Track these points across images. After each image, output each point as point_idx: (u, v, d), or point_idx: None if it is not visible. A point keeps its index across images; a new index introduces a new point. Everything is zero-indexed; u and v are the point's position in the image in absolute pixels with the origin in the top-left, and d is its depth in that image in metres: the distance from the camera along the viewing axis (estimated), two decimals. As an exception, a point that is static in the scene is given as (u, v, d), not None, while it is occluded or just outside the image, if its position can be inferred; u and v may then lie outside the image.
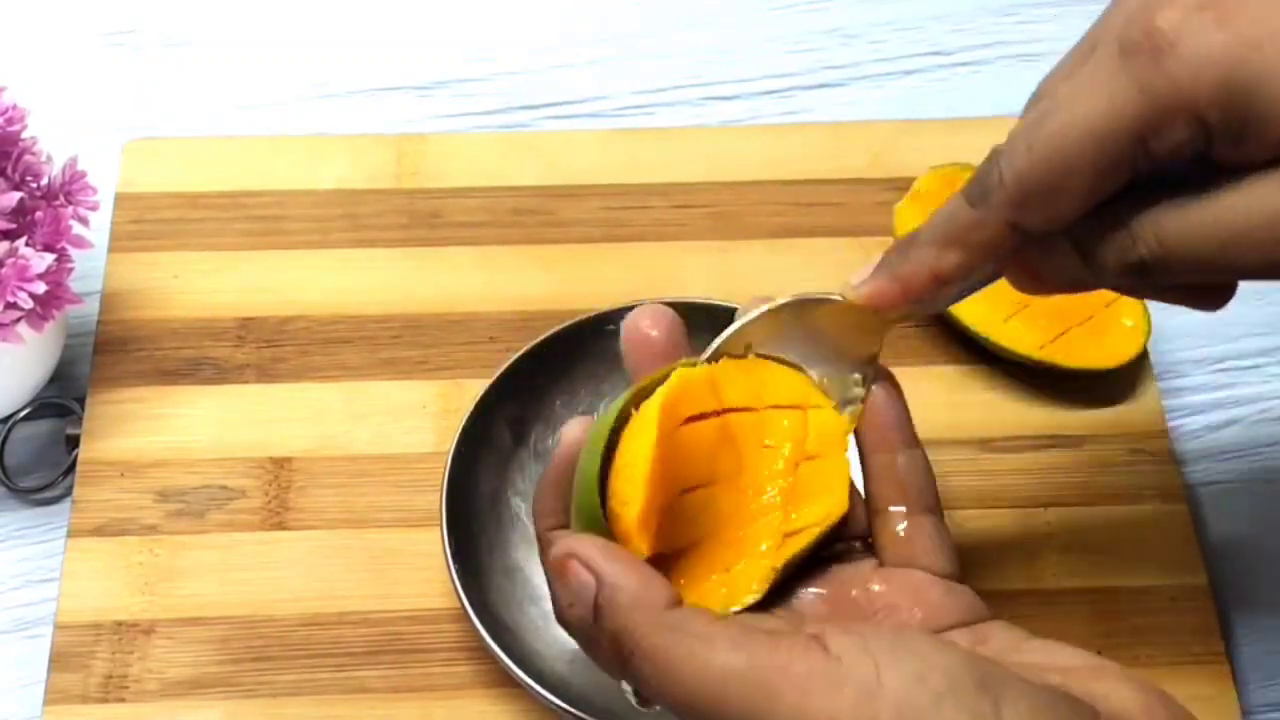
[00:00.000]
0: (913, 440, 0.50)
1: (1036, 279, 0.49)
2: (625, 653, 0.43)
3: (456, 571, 0.61)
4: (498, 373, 0.66)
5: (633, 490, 0.45)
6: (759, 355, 0.50)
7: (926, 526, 0.49)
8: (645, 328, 0.50)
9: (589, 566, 0.44)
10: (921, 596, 0.48)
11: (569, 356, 0.67)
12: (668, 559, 0.47)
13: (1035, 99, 0.50)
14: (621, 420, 0.46)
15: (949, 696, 0.40)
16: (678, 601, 0.44)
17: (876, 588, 0.48)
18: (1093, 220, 0.47)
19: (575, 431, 0.48)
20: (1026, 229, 0.47)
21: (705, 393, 0.48)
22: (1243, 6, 0.43)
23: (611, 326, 0.68)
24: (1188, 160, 0.45)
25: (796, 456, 0.48)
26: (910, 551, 0.49)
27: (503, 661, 0.60)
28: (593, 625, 0.44)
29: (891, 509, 0.49)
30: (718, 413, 0.48)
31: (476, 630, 0.60)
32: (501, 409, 0.66)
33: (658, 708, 0.44)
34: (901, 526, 0.49)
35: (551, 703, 0.59)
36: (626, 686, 0.45)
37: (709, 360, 0.49)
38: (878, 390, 0.50)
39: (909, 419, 0.51)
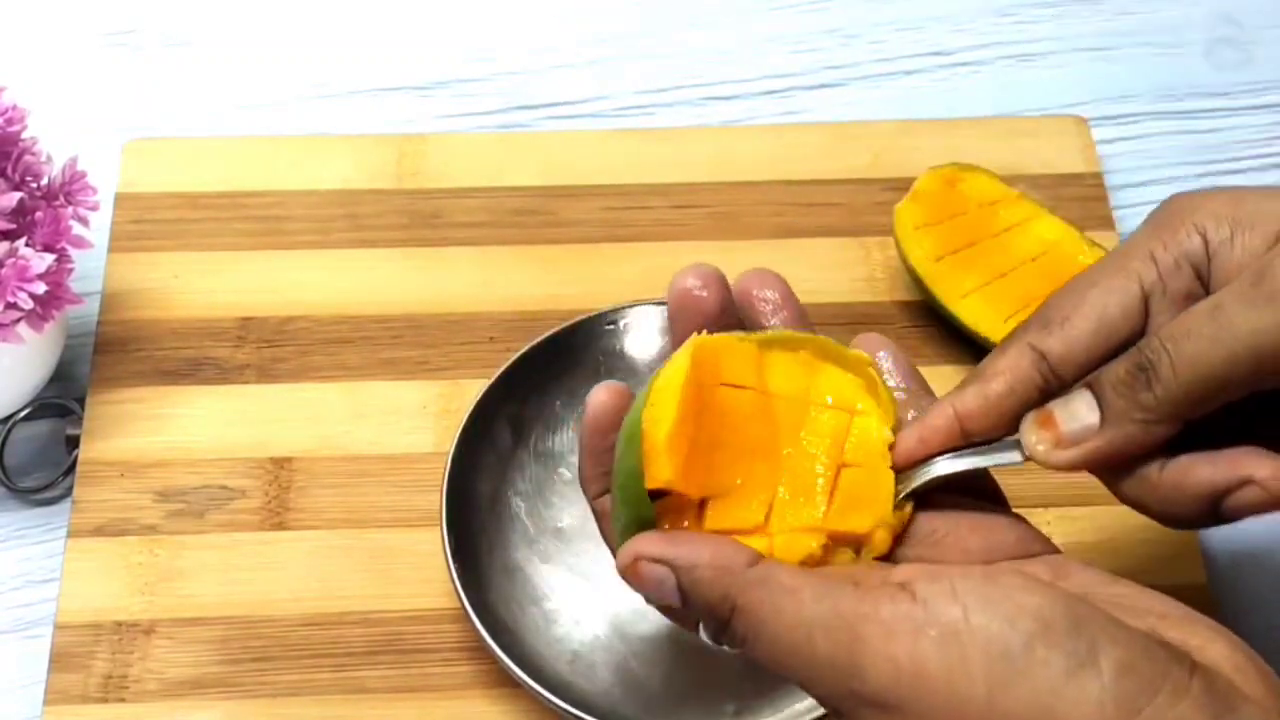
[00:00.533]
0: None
1: (1055, 430, 0.49)
2: (723, 620, 0.44)
3: (456, 571, 0.61)
4: (498, 372, 0.66)
5: (663, 411, 0.45)
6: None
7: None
8: (694, 288, 0.50)
9: (660, 560, 0.44)
10: (980, 530, 0.47)
11: (570, 356, 0.67)
12: (694, 506, 0.46)
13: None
14: None
15: (1040, 638, 0.40)
16: (757, 558, 0.44)
17: (936, 528, 0.48)
18: None
19: (601, 396, 0.48)
20: (1049, 358, 0.49)
21: (747, 365, 0.47)
22: None
23: (611, 325, 0.68)
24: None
25: (835, 458, 0.48)
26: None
27: (503, 661, 0.60)
28: (684, 610, 0.45)
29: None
30: (758, 392, 0.47)
31: (477, 630, 0.60)
32: (502, 408, 0.66)
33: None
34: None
35: (552, 703, 0.59)
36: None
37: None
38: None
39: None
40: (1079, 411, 0.47)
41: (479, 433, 0.65)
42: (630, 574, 0.45)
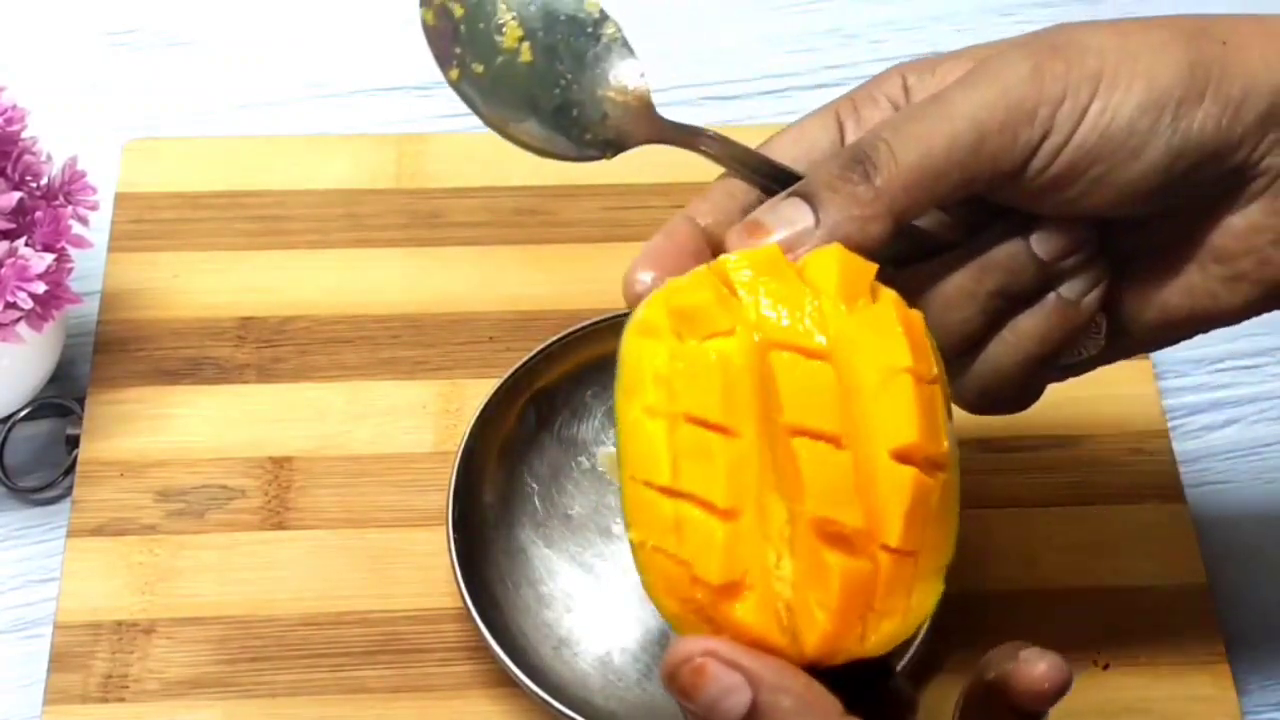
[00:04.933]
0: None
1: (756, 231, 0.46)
2: None
3: (455, 544, 0.61)
4: (539, 348, 0.66)
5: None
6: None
7: None
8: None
9: (737, 666, 0.41)
10: None
11: (610, 347, 0.67)
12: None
13: None
14: None
15: None
16: (845, 711, 0.41)
17: None
18: None
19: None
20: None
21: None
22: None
23: None
24: None
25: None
26: None
27: (502, 661, 0.60)
28: None
29: None
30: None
31: (474, 621, 0.60)
32: (532, 386, 0.66)
33: None
34: None
35: (551, 705, 0.59)
36: None
37: None
38: (1047, 680, 0.43)
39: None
40: (788, 215, 0.45)
41: (506, 406, 0.65)
42: (691, 673, 0.41)
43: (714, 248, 0.47)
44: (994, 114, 0.45)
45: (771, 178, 0.48)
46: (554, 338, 0.67)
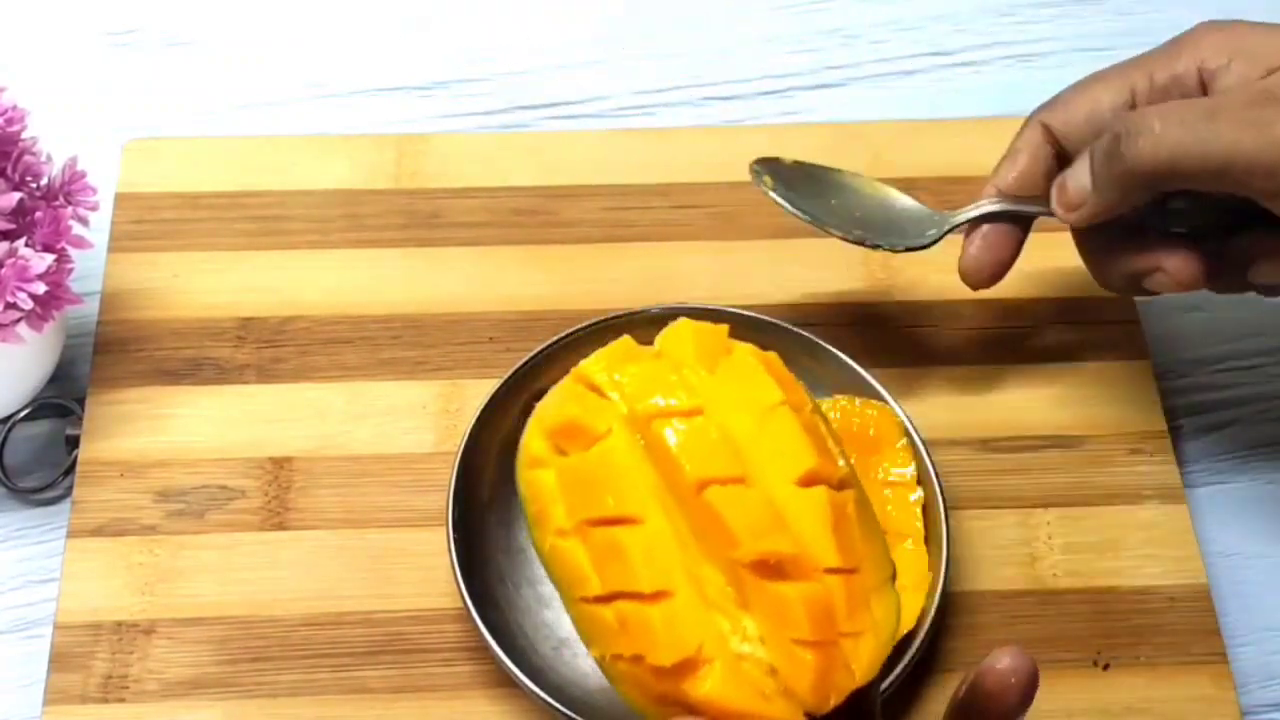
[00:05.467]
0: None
1: (1064, 194, 0.62)
2: None
3: (455, 544, 0.61)
4: (539, 348, 0.66)
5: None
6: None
7: None
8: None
9: None
10: None
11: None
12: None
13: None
14: None
15: None
16: None
17: None
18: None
19: None
20: (1054, 131, 0.64)
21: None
22: None
23: (653, 325, 0.67)
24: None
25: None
26: None
27: (502, 661, 0.60)
28: None
29: None
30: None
31: (474, 621, 0.60)
32: (532, 386, 0.66)
33: None
34: None
35: (551, 705, 0.59)
36: None
37: None
38: (1010, 671, 0.45)
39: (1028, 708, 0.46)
40: (1081, 178, 0.59)
41: (506, 406, 0.65)
42: None
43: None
44: (1246, 160, 0.53)
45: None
46: (554, 338, 0.67)
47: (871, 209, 0.66)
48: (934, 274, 0.73)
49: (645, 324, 0.66)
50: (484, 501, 0.65)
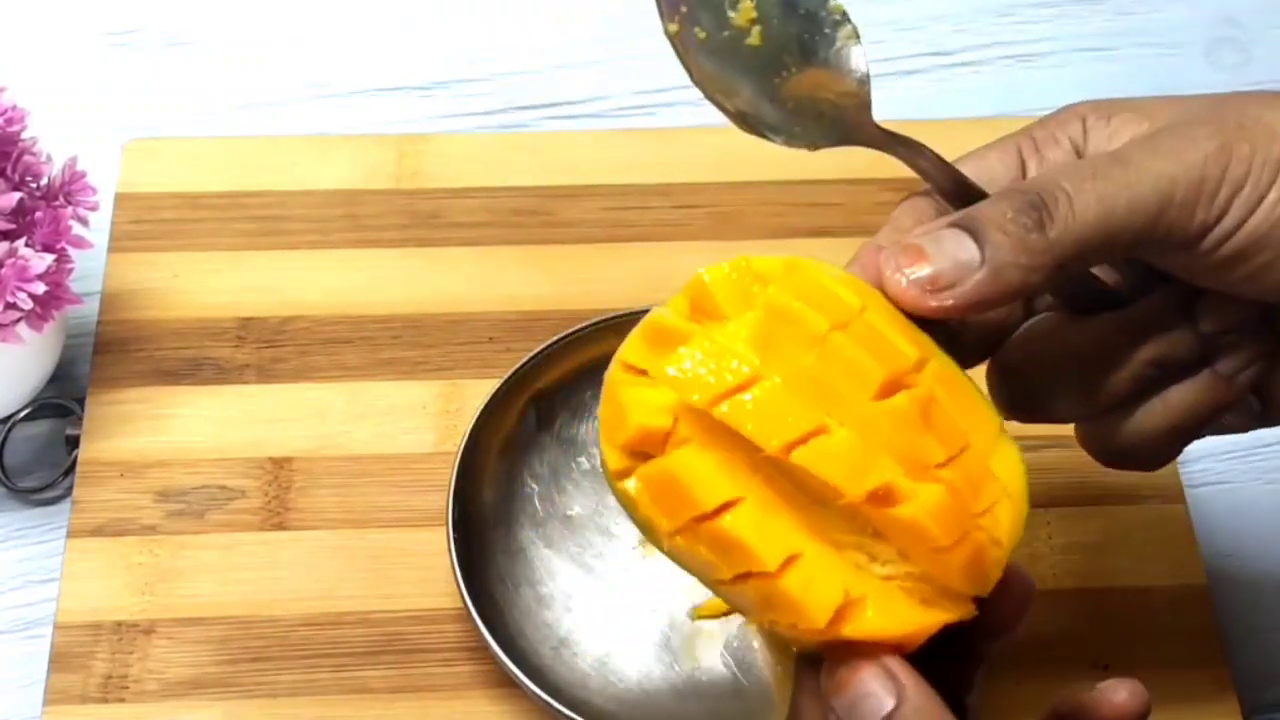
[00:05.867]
0: None
1: (922, 262, 0.46)
2: None
3: (455, 544, 0.61)
4: (539, 348, 0.66)
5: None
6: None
7: None
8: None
9: (893, 676, 0.42)
10: None
11: (610, 347, 0.67)
12: None
13: None
14: None
15: None
16: None
17: None
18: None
19: None
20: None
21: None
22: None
23: None
24: None
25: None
26: None
27: (501, 661, 0.60)
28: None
29: None
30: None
31: (474, 622, 0.60)
32: (533, 386, 0.66)
33: None
34: None
35: (551, 705, 0.59)
36: None
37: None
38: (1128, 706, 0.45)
39: None
40: (951, 248, 0.44)
41: (506, 406, 0.65)
42: (847, 670, 0.42)
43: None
44: (1175, 187, 0.44)
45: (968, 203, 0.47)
46: (554, 338, 0.67)
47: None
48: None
49: None
50: (484, 501, 0.65)
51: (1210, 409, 0.50)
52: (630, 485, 0.42)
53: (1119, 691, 0.44)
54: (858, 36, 0.51)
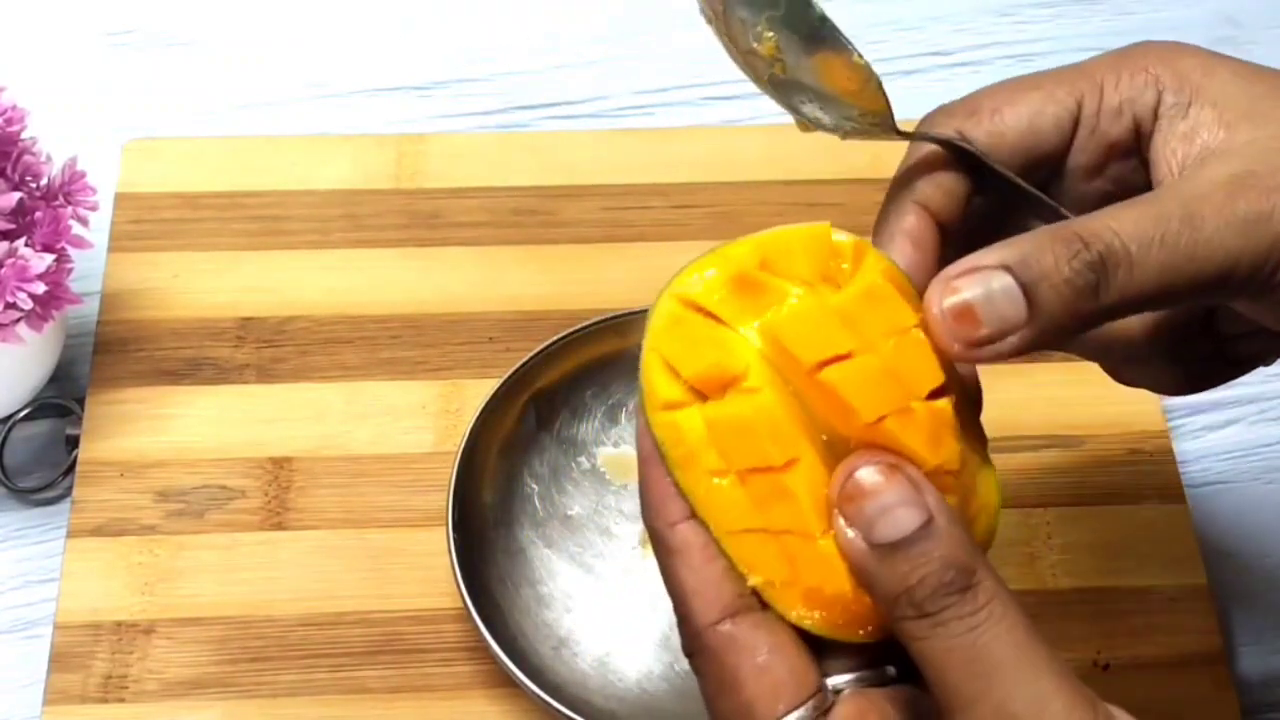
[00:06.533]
0: None
1: (974, 323, 0.44)
2: (953, 584, 0.40)
3: (455, 544, 0.62)
4: (537, 349, 0.66)
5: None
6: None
7: None
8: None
9: (919, 485, 0.40)
10: None
11: (610, 348, 0.67)
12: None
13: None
14: None
15: None
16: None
17: None
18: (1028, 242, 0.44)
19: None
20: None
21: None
22: None
23: None
24: (1125, 136, 0.47)
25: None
26: None
27: (501, 661, 0.60)
28: (888, 548, 0.40)
29: None
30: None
31: (473, 621, 0.60)
32: (533, 387, 0.66)
33: None
34: None
35: (551, 705, 0.59)
36: None
37: None
38: None
39: None
40: (1001, 306, 0.42)
41: (506, 406, 0.65)
42: (881, 471, 0.41)
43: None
44: (1240, 265, 0.43)
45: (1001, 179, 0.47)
46: (554, 338, 0.67)
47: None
48: (934, 274, 0.73)
49: (645, 324, 0.67)
50: (484, 501, 0.65)
51: None
52: (684, 417, 0.42)
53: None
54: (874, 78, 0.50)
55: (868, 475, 0.41)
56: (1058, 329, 0.42)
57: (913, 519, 0.40)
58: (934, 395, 0.43)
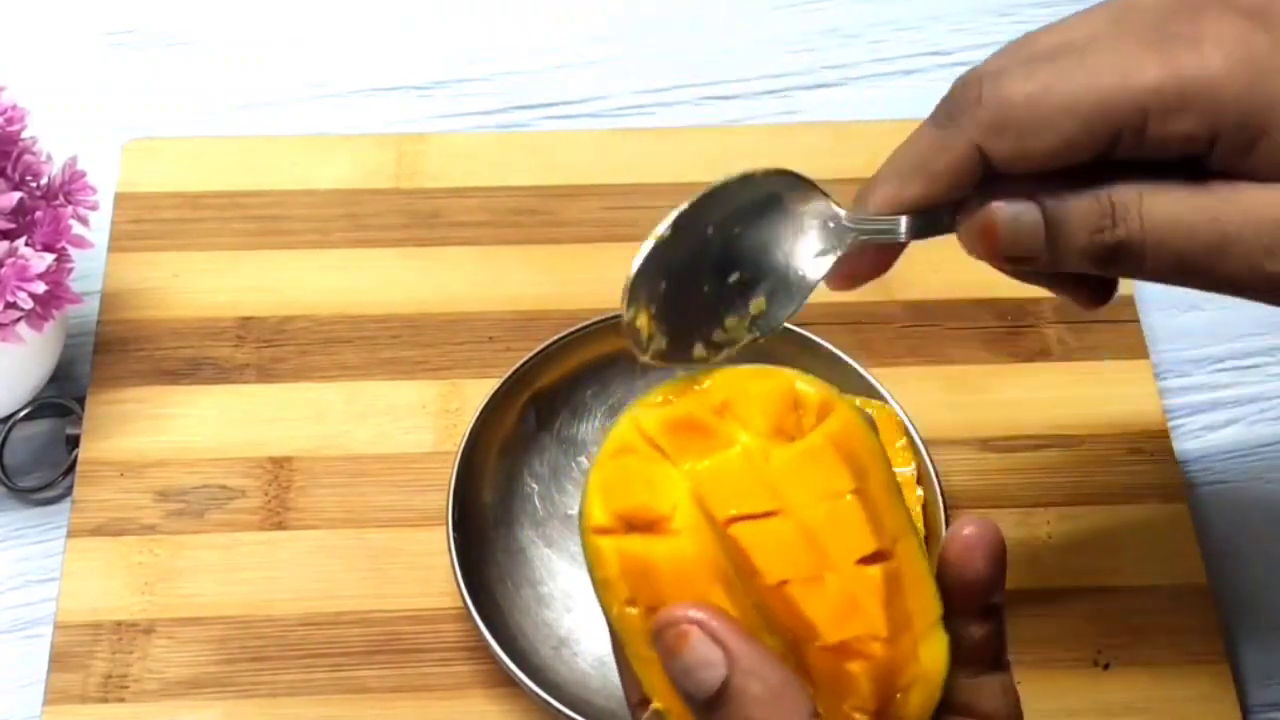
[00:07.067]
0: (1001, 602, 0.44)
1: (993, 243, 0.46)
2: None
3: (455, 544, 0.62)
4: (537, 349, 0.66)
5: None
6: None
7: (996, 684, 0.45)
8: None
9: (720, 642, 0.41)
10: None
11: (609, 348, 0.67)
12: None
13: (1029, 41, 0.47)
14: None
15: None
16: (814, 712, 0.41)
17: None
18: (1068, 192, 0.45)
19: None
20: (993, 158, 0.45)
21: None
22: None
23: None
24: (1174, 157, 0.44)
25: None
26: (973, 700, 0.44)
27: (501, 661, 0.60)
28: (704, 704, 0.41)
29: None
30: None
31: (474, 621, 0.60)
32: (532, 386, 0.66)
33: None
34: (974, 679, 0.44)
35: (551, 704, 0.59)
36: None
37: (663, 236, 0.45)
38: (974, 538, 0.44)
39: (1003, 577, 0.44)
40: (1028, 240, 0.45)
41: (506, 406, 0.65)
42: (675, 637, 0.41)
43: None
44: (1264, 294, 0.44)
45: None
46: (554, 338, 0.67)
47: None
48: (934, 274, 0.73)
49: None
50: (484, 501, 0.65)
51: None
52: (607, 545, 0.44)
53: (965, 527, 0.43)
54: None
55: (669, 635, 0.41)
56: (1078, 264, 0.45)
57: (710, 682, 0.41)
58: (867, 561, 0.43)
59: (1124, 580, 0.66)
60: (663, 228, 0.45)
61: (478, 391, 0.67)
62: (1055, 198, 0.45)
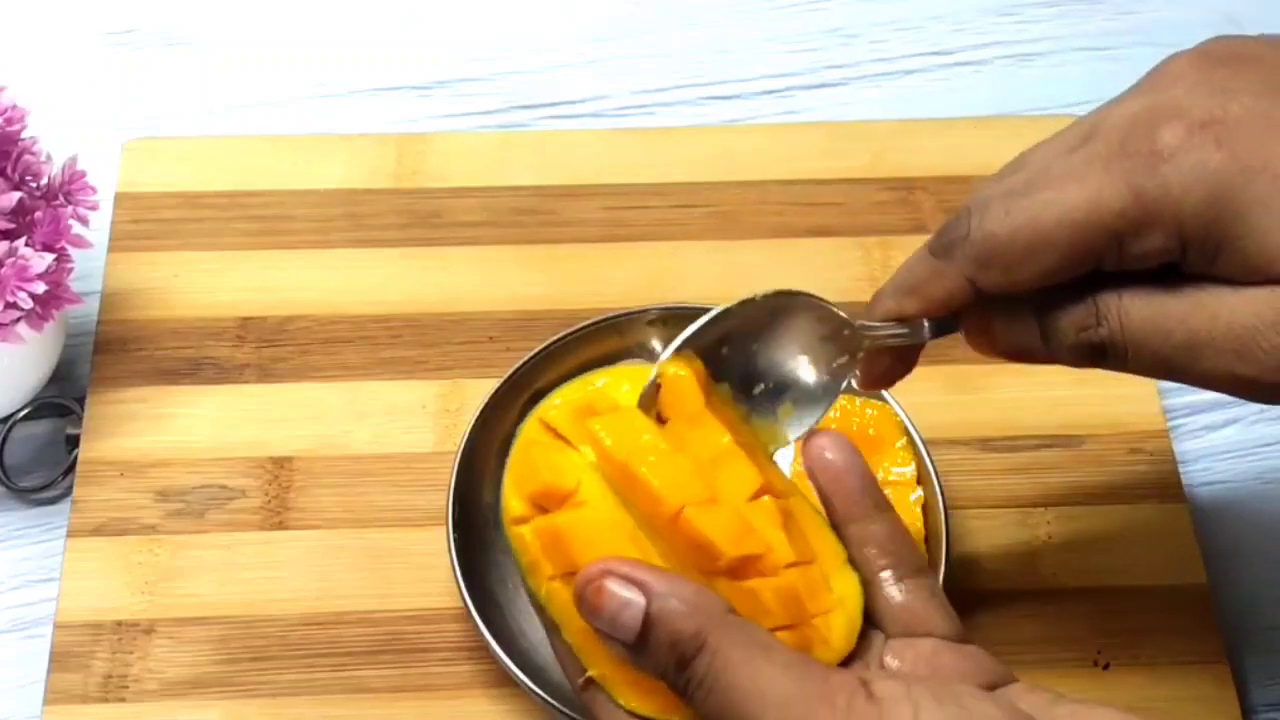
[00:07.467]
0: (883, 503, 0.50)
1: (991, 340, 0.51)
2: (685, 658, 0.43)
3: (455, 544, 0.62)
4: (536, 350, 0.66)
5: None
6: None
7: (923, 589, 0.49)
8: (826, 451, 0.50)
9: (633, 580, 0.44)
10: (936, 663, 0.47)
11: (605, 349, 0.67)
12: None
13: (1017, 166, 0.50)
14: None
15: None
16: (729, 609, 0.44)
17: (891, 662, 0.47)
18: (1058, 294, 0.48)
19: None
20: (983, 288, 0.49)
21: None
22: (1243, 131, 0.45)
23: (651, 324, 0.67)
24: (1155, 266, 0.47)
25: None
26: (911, 618, 0.48)
27: (502, 661, 0.60)
28: (636, 645, 0.44)
29: (883, 575, 0.49)
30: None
31: (474, 621, 0.60)
32: (532, 386, 0.66)
33: None
34: (896, 591, 0.48)
35: (551, 705, 0.59)
36: None
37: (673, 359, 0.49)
38: (835, 455, 0.49)
39: (874, 481, 0.50)
40: (1023, 339, 0.50)
41: (506, 406, 0.65)
42: (593, 593, 0.44)
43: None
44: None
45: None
46: (554, 338, 0.67)
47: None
48: (934, 274, 0.73)
49: (645, 324, 0.67)
50: (484, 501, 0.65)
51: None
52: (526, 530, 0.48)
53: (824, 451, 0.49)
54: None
55: (589, 593, 0.45)
56: (1062, 363, 0.50)
57: (634, 619, 0.44)
58: (757, 496, 0.48)
59: (1124, 580, 0.66)
60: (667, 354, 0.50)
61: (478, 391, 0.67)
62: (1047, 300, 0.49)
